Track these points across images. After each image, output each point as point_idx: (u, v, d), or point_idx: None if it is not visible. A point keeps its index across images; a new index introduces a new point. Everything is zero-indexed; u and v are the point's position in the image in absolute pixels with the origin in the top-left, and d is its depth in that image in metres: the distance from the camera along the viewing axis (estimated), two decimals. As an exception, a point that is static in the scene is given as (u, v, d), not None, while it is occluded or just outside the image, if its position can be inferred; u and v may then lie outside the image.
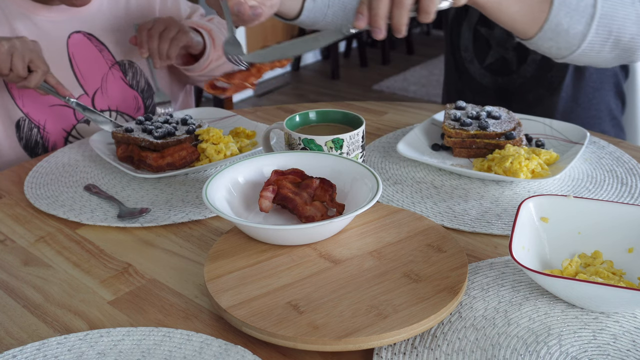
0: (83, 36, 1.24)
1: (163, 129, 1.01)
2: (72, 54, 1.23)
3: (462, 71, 1.37)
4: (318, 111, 0.96)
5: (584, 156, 1.02)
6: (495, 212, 0.87)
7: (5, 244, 0.85)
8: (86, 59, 1.24)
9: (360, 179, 0.81)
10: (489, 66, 1.30)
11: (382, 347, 0.62)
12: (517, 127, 1.02)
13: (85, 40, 1.24)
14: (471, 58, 1.32)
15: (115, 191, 0.97)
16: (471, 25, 1.29)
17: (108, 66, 1.26)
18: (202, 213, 0.89)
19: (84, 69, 1.24)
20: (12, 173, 1.06)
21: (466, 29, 1.31)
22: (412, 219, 0.80)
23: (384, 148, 1.09)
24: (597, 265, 0.71)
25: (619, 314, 0.66)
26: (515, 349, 0.62)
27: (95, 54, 1.25)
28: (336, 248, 0.74)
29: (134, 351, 0.62)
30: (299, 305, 0.64)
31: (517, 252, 0.67)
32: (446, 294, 0.65)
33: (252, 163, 0.85)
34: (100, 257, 0.81)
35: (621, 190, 0.92)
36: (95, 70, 1.25)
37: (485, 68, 1.30)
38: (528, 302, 0.68)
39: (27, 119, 1.20)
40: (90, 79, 1.25)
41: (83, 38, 1.24)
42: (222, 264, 0.72)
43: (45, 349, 0.63)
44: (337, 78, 4.45)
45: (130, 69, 1.30)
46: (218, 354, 0.61)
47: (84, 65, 1.24)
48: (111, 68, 1.27)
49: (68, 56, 1.22)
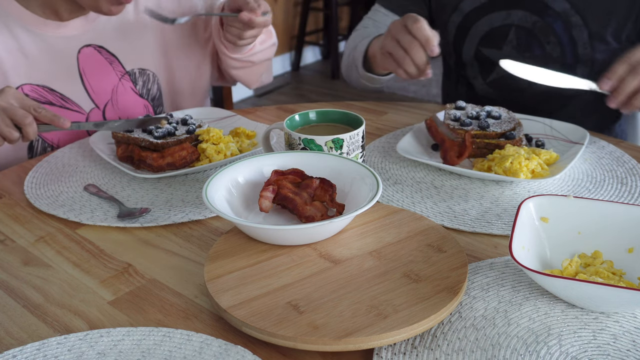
0: (93, 49, 1.22)
1: (163, 129, 1.01)
2: (82, 69, 1.20)
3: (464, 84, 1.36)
4: (318, 111, 0.96)
5: (584, 156, 1.02)
6: (495, 212, 0.87)
7: (5, 244, 0.85)
8: (97, 73, 1.22)
9: (360, 179, 0.81)
10: (492, 82, 1.30)
11: (382, 347, 0.62)
12: (517, 127, 1.02)
13: (96, 54, 1.22)
14: (475, 74, 1.32)
15: (115, 191, 0.97)
16: (473, 44, 1.29)
17: (118, 77, 1.25)
18: (202, 213, 0.89)
19: (95, 83, 1.23)
20: (12, 173, 1.06)
21: (469, 48, 1.30)
22: (412, 219, 0.80)
23: (384, 148, 1.09)
24: (597, 265, 0.71)
25: (619, 314, 0.66)
26: (515, 349, 0.62)
27: (105, 67, 1.24)
28: (336, 248, 0.74)
29: (134, 351, 0.62)
30: (299, 305, 0.64)
31: (517, 252, 0.67)
32: (446, 294, 0.65)
33: (252, 163, 0.85)
34: (100, 257, 0.81)
35: (621, 190, 0.92)
36: (105, 83, 1.24)
37: (489, 84, 1.30)
38: (528, 302, 0.68)
39: (40, 139, 1.18)
40: (101, 92, 1.24)
41: (93, 51, 1.22)
42: (222, 264, 0.72)
43: (45, 349, 0.63)
44: (337, 78, 4.45)
45: (141, 77, 1.28)
46: (218, 354, 0.61)
47: (95, 79, 1.22)
48: (121, 79, 1.25)
49: (79, 72, 1.20)
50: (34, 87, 1.16)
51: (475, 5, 1.25)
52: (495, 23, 1.24)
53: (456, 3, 1.27)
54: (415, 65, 1.03)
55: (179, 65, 1.33)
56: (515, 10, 1.22)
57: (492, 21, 1.25)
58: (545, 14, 1.20)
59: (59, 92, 1.18)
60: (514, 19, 1.22)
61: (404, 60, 1.03)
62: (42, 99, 1.17)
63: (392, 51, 1.04)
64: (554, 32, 1.20)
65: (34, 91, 1.16)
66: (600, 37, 1.19)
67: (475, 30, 1.27)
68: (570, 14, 1.18)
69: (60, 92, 1.18)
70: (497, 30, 1.25)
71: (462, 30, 1.29)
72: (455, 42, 1.32)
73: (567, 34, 1.20)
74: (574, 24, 1.19)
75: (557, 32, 1.20)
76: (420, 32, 1.01)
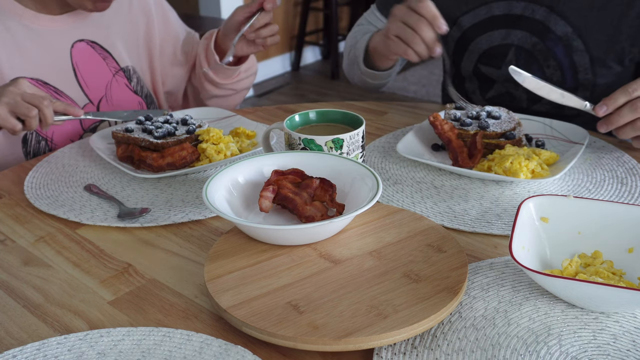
0: (87, 44, 1.22)
1: (163, 129, 1.01)
2: (75, 64, 1.21)
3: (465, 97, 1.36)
4: (318, 111, 0.96)
5: (584, 156, 1.02)
6: (495, 212, 0.87)
7: (5, 244, 0.85)
8: (90, 68, 1.23)
9: (360, 179, 0.81)
10: (491, 99, 1.29)
11: (382, 347, 0.62)
12: (517, 127, 1.02)
13: (89, 49, 1.23)
14: (474, 89, 1.32)
15: (115, 191, 0.97)
16: (472, 61, 1.28)
17: (112, 73, 1.25)
18: (202, 213, 0.89)
19: (88, 78, 1.23)
20: (12, 173, 1.06)
21: (467, 64, 1.29)
22: (412, 219, 0.80)
23: (384, 148, 1.09)
24: (597, 265, 0.71)
25: (619, 314, 0.66)
26: (515, 349, 0.62)
27: (99, 62, 1.24)
28: (336, 248, 0.74)
29: (134, 351, 0.62)
30: (299, 305, 0.64)
31: (517, 252, 0.67)
32: (446, 294, 0.65)
33: (252, 163, 0.85)
34: (100, 257, 0.81)
35: (621, 190, 0.92)
36: (99, 78, 1.24)
37: (488, 100, 1.30)
38: (528, 302, 0.68)
39: (34, 132, 1.18)
40: (95, 87, 1.24)
41: (87, 46, 1.22)
42: (222, 264, 0.72)
43: (45, 349, 0.63)
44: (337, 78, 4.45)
45: (135, 75, 1.29)
46: (218, 354, 0.61)
47: (88, 74, 1.23)
48: (115, 75, 1.26)
49: (72, 66, 1.21)
50: (28, 80, 1.16)
51: (474, 22, 1.24)
52: (495, 41, 1.23)
53: (455, 17, 1.25)
54: (425, 43, 1.04)
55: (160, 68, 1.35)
56: (515, 30, 1.20)
57: (491, 39, 1.23)
58: (546, 37, 1.18)
59: (53, 86, 1.18)
60: (514, 38, 1.21)
61: (414, 39, 1.04)
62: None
63: (400, 33, 1.05)
64: (555, 56, 1.19)
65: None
66: (602, 62, 1.17)
67: (474, 47, 1.26)
68: (572, 38, 1.16)
69: (54, 85, 1.19)
70: (496, 49, 1.23)
71: (461, 45, 1.28)
72: (455, 57, 1.31)
73: (567, 58, 1.18)
74: (575, 49, 1.17)
75: (558, 56, 1.18)
76: (426, 10, 1.02)
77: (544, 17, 1.17)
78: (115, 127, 1.08)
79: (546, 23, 1.17)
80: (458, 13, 1.25)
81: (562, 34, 1.17)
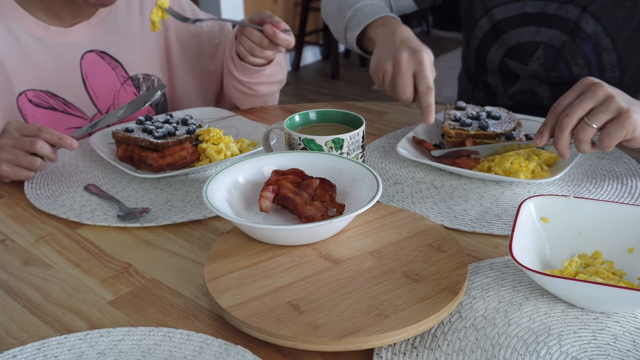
0: (96, 55, 1.22)
1: (163, 129, 1.01)
2: (85, 74, 1.21)
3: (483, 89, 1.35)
4: (318, 111, 0.96)
5: (584, 156, 1.02)
6: (495, 212, 0.87)
7: (6, 244, 0.85)
8: (99, 78, 1.22)
9: (360, 179, 0.81)
10: (513, 95, 1.29)
11: (382, 347, 0.62)
12: (517, 127, 1.02)
13: (99, 59, 1.22)
14: (497, 83, 1.31)
15: (115, 191, 0.97)
16: (499, 54, 1.27)
17: (120, 82, 1.25)
18: (202, 213, 0.89)
19: (98, 88, 1.23)
20: (12, 173, 1.06)
21: (494, 56, 1.28)
22: (412, 219, 0.80)
23: (384, 148, 1.09)
24: (597, 266, 0.71)
25: (619, 314, 0.66)
26: (515, 349, 0.62)
27: (108, 72, 1.24)
28: (336, 248, 0.74)
29: (134, 351, 0.62)
30: (299, 305, 0.64)
31: (517, 252, 0.67)
32: (446, 294, 0.65)
33: (252, 163, 0.85)
34: (100, 257, 0.81)
35: (621, 190, 0.92)
36: (108, 88, 1.24)
37: (509, 95, 1.30)
38: (528, 302, 0.68)
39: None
40: (103, 97, 1.24)
41: (96, 57, 1.22)
42: (222, 264, 0.72)
43: (45, 349, 0.63)
44: (337, 78, 4.45)
45: (145, 83, 1.28)
46: (218, 354, 0.61)
47: (97, 84, 1.22)
48: (123, 84, 1.25)
49: (82, 77, 1.20)
50: (37, 92, 1.16)
51: (507, 15, 1.23)
52: (524, 38, 1.23)
53: (489, 7, 1.24)
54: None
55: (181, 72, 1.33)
56: (546, 28, 1.20)
57: (520, 35, 1.23)
58: (576, 35, 1.18)
59: (62, 98, 1.19)
60: (544, 36, 1.21)
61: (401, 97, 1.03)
62: (45, 104, 1.17)
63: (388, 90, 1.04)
64: (583, 54, 1.19)
65: (37, 97, 1.16)
66: (629, 60, 1.18)
67: (502, 41, 1.25)
68: (601, 37, 1.17)
69: (63, 97, 1.19)
70: (525, 45, 1.23)
71: (490, 37, 1.27)
72: (480, 48, 1.30)
73: (596, 56, 1.18)
74: (603, 47, 1.17)
75: (587, 54, 1.18)
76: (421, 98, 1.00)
77: (576, 16, 1.17)
78: (115, 127, 1.08)
79: (578, 22, 1.18)
80: (492, 4, 1.24)
81: (591, 33, 1.17)
